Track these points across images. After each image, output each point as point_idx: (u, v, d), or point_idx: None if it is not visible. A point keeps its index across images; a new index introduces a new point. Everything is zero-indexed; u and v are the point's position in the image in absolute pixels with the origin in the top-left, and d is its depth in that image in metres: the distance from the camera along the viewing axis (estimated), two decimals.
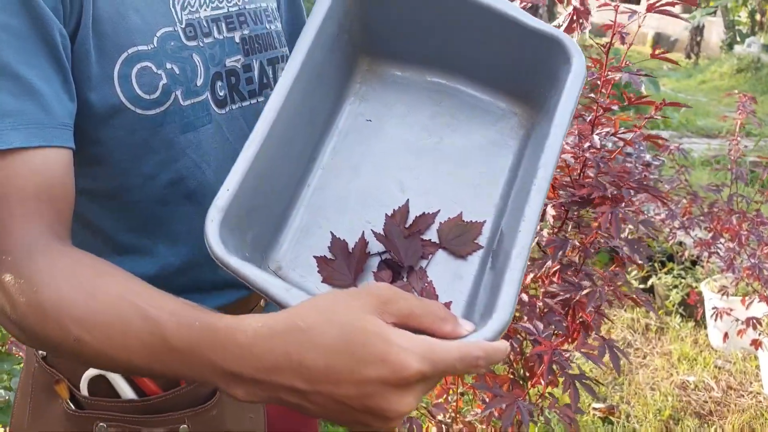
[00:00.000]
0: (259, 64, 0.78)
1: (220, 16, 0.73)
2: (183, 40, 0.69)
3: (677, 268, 2.93)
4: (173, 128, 0.68)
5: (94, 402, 0.73)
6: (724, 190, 2.63)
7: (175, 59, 0.67)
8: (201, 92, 0.70)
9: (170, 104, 0.67)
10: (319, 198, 0.72)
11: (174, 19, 0.68)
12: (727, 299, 2.41)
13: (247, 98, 0.76)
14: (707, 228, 2.55)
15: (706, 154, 5.60)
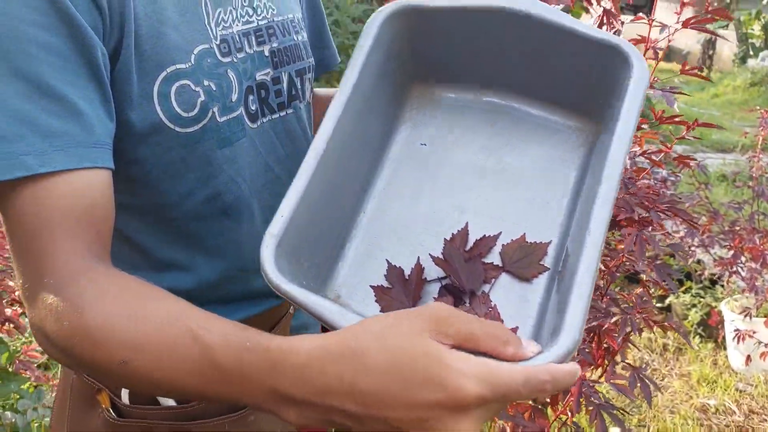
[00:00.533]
0: (287, 77, 0.78)
1: (250, 30, 0.74)
2: (218, 56, 0.69)
3: (696, 287, 2.87)
4: (210, 144, 0.68)
5: (134, 410, 0.73)
6: (745, 208, 2.57)
7: (211, 76, 0.68)
8: (236, 108, 0.71)
9: (207, 121, 0.68)
10: (375, 225, 0.70)
11: (210, 35, 0.69)
12: (750, 321, 2.35)
13: (276, 111, 0.77)
14: (727, 246, 2.50)
15: (722, 169, 5.54)
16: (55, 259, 0.55)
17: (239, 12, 0.73)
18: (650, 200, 1.17)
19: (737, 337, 2.33)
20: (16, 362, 1.45)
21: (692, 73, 1.20)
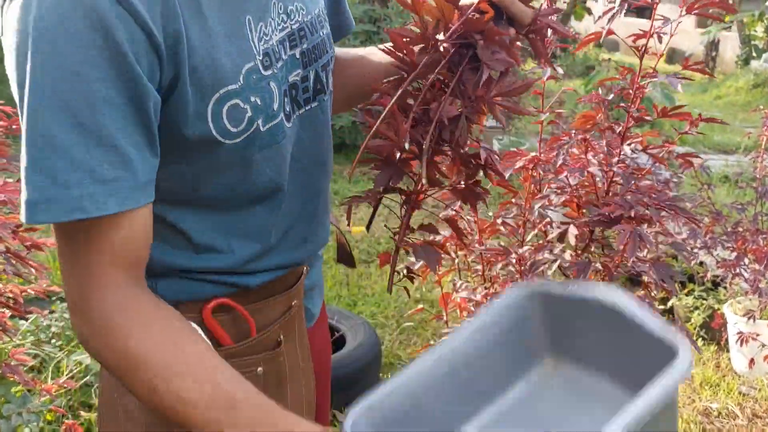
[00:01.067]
0: (314, 73, 0.84)
1: (285, 36, 0.79)
2: (261, 71, 0.74)
3: (698, 290, 2.83)
4: (252, 149, 0.75)
5: None
6: (749, 209, 2.54)
7: (256, 91, 0.74)
8: (277, 115, 0.77)
9: (252, 131, 0.74)
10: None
11: (254, 52, 0.74)
12: (753, 323, 2.32)
13: (303, 106, 0.83)
14: (730, 248, 2.46)
15: (724, 170, 5.50)
16: (104, 288, 0.66)
17: (276, 21, 0.78)
18: (650, 198, 1.14)
19: (740, 340, 2.29)
20: (4, 366, 1.42)
21: (695, 69, 1.16)
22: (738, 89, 10.52)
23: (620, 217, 1.14)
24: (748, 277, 2.28)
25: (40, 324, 2.31)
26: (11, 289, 1.54)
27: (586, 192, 1.30)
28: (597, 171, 1.16)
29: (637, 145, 1.15)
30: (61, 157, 0.62)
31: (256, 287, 0.84)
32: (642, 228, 1.08)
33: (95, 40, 0.60)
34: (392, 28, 0.78)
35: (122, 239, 0.66)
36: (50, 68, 0.61)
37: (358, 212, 4.44)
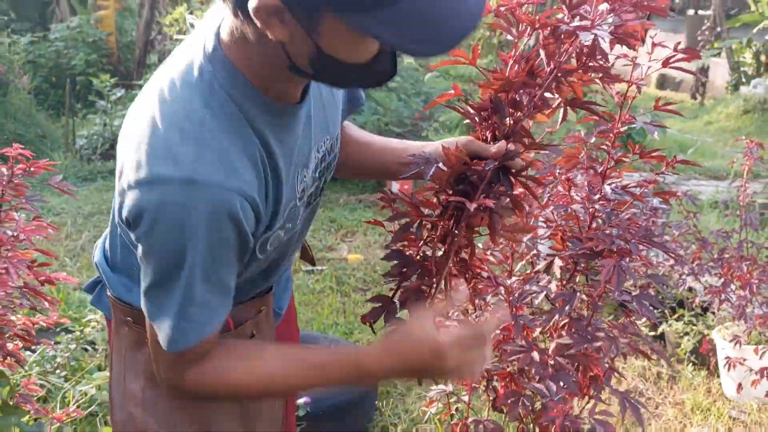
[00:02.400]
0: (324, 180, 1.05)
1: (315, 167, 1.00)
2: (297, 203, 0.96)
3: (688, 315, 2.90)
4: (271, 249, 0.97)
5: None
6: (734, 237, 2.62)
7: (291, 219, 0.96)
8: (299, 223, 1.01)
9: (279, 244, 0.98)
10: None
11: (297, 195, 0.96)
12: (739, 349, 2.38)
13: (311, 203, 1.05)
14: (717, 274, 2.54)
15: (714, 196, 5.59)
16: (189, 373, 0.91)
17: (313, 163, 0.98)
18: (630, 233, 1.21)
19: (728, 365, 2.35)
20: (17, 396, 1.48)
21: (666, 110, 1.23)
22: (728, 115, 10.67)
23: (603, 250, 1.22)
24: (735, 303, 2.35)
25: (46, 355, 2.36)
26: (24, 322, 1.60)
27: (570, 226, 1.37)
28: (580, 209, 1.24)
29: (617, 185, 1.23)
30: (195, 305, 0.86)
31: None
32: (624, 261, 1.15)
33: (231, 230, 0.82)
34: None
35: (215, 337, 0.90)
36: (201, 253, 0.82)
37: (354, 240, 4.50)
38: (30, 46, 8.96)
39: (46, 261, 1.57)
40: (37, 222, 1.50)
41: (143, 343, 0.99)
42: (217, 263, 0.84)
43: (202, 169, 0.79)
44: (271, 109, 0.87)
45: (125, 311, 1.03)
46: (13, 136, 6.40)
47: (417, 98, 6.29)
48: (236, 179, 0.81)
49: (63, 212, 4.72)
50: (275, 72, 0.84)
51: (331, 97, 1.04)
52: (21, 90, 6.89)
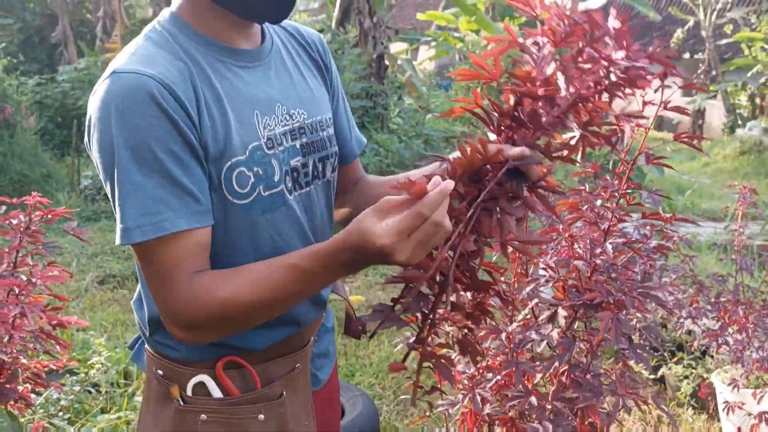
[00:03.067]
0: (312, 162, 1.09)
1: (287, 131, 1.05)
2: (265, 150, 1.00)
3: (687, 358, 2.92)
4: (255, 212, 0.99)
5: (195, 400, 1.03)
6: (730, 280, 2.66)
7: (259, 164, 0.99)
8: (277, 185, 1.01)
9: (255, 195, 0.99)
10: None
11: (259, 135, 1.00)
12: (738, 393, 2.40)
13: (304, 187, 1.07)
14: (715, 318, 2.57)
15: (713, 237, 5.64)
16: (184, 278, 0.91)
17: (279, 118, 1.04)
18: (627, 286, 1.26)
19: (727, 409, 2.37)
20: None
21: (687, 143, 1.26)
22: (725, 156, 10.81)
23: (602, 302, 1.26)
24: (732, 347, 2.38)
25: (50, 397, 2.38)
26: (35, 365, 1.64)
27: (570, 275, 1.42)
28: (581, 264, 1.29)
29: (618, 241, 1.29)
30: (145, 195, 0.89)
31: (261, 349, 1.05)
32: (622, 314, 1.20)
33: (153, 111, 0.89)
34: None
35: (194, 248, 0.92)
36: (127, 135, 0.88)
37: (355, 281, 4.53)
38: (37, 87, 9.14)
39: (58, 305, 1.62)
40: (52, 268, 1.55)
41: (170, 399, 1.04)
42: (157, 149, 0.89)
43: (125, 66, 0.92)
44: (208, 44, 1.00)
45: (157, 365, 1.06)
46: (19, 176, 6.50)
47: (417, 140, 6.40)
48: (152, 69, 0.91)
49: (66, 252, 4.76)
50: (204, 6, 0.99)
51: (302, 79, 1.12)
52: (27, 131, 7.01)
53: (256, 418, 1.03)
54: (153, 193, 0.89)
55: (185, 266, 0.92)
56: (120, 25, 10.29)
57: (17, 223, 1.54)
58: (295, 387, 1.09)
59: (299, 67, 1.13)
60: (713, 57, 13.04)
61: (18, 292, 1.43)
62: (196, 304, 0.91)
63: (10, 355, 1.43)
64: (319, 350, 1.18)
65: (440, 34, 12.95)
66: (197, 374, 1.03)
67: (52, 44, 12.16)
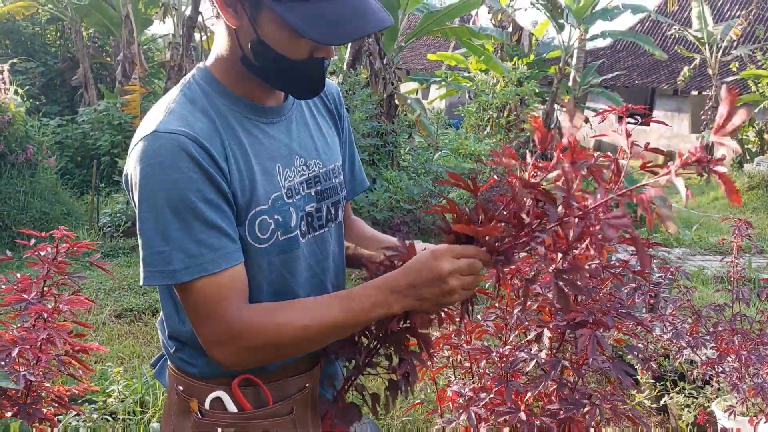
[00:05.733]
0: (326, 207, 1.21)
1: (304, 180, 1.17)
2: (285, 199, 1.12)
3: (689, 387, 2.97)
4: (272, 254, 1.10)
5: (212, 413, 1.12)
6: (727, 310, 2.73)
7: (279, 212, 1.10)
8: (293, 230, 1.13)
9: (274, 239, 1.10)
10: None
11: (280, 186, 1.11)
12: (734, 419, 2.46)
13: (318, 230, 1.19)
14: (713, 347, 2.63)
15: (719, 270, 5.68)
16: (233, 309, 1.02)
17: (298, 169, 1.16)
18: (606, 306, 1.36)
19: None
20: None
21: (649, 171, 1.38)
22: None
23: (584, 322, 1.36)
24: (728, 375, 2.44)
25: (69, 425, 2.48)
26: (58, 389, 1.74)
27: None
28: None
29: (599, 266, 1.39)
30: (189, 240, 0.99)
31: (274, 369, 1.14)
32: (599, 332, 1.29)
33: (190, 166, 0.99)
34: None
35: (234, 284, 1.03)
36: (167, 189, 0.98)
37: None
38: (58, 129, 9.42)
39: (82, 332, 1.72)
40: (77, 296, 1.67)
41: (189, 412, 1.14)
42: (192, 197, 0.99)
43: (163, 126, 1.02)
44: (238, 102, 1.10)
45: (178, 380, 1.16)
46: (40, 214, 6.69)
47: (426, 176, 6.53)
48: (187, 128, 1.01)
49: (85, 287, 4.90)
50: (236, 68, 1.09)
51: (318, 130, 1.23)
52: (48, 170, 7.23)
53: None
54: (195, 237, 0.99)
55: (232, 299, 1.02)
56: (139, 68, 10.62)
57: (45, 255, 1.66)
58: (305, 405, 1.18)
59: (316, 118, 1.24)
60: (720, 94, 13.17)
61: (45, 318, 1.54)
62: (250, 330, 1.01)
63: (36, 377, 1.54)
64: (328, 374, 1.27)
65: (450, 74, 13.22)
66: (215, 390, 1.12)
67: (73, 86, 12.54)
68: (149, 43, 13.98)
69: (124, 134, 9.39)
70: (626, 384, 1.29)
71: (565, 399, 1.37)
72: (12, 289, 1.59)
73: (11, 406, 1.52)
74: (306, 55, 1.05)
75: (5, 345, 1.46)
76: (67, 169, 8.80)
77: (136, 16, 11.09)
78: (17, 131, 6.78)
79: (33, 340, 1.49)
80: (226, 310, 1.01)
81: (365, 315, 1.03)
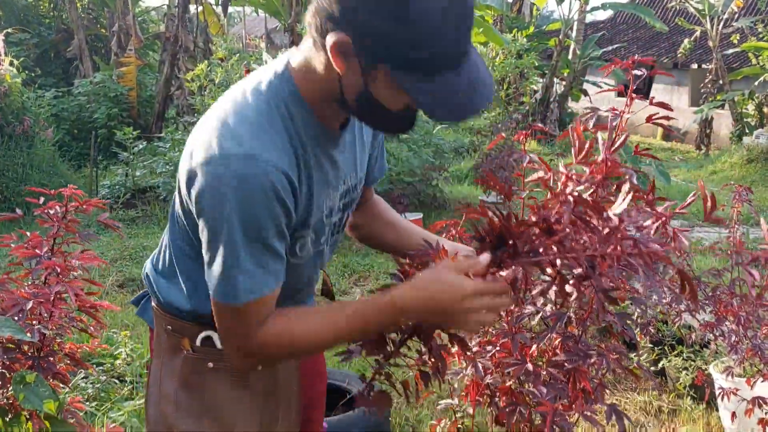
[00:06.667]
0: (346, 215, 1.27)
1: (339, 195, 1.19)
2: (324, 220, 1.17)
3: (686, 351, 3.02)
4: (302, 262, 1.17)
5: (204, 349, 1.20)
6: (725, 275, 2.76)
7: (317, 230, 1.16)
8: (323, 244, 1.21)
9: (307, 254, 1.17)
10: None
11: (323, 210, 1.15)
12: (732, 380, 2.50)
13: (335, 234, 1.25)
14: (712, 312, 2.67)
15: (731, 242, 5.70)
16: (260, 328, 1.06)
17: (341, 189, 1.18)
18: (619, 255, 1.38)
19: (722, 395, 2.47)
20: (65, 411, 1.64)
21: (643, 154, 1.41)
22: (733, 165, 10.86)
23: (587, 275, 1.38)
24: (727, 338, 2.48)
25: (78, 385, 2.51)
26: (69, 346, 1.77)
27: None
28: None
29: None
30: (254, 265, 1.03)
31: None
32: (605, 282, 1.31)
33: (272, 201, 1.01)
34: None
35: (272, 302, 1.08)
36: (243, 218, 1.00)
37: (366, 284, 4.65)
38: (54, 101, 9.36)
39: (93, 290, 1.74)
40: (87, 253, 1.69)
41: (179, 349, 1.19)
42: (269, 229, 1.02)
43: (259, 149, 1.00)
44: (316, 127, 1.09)
45: (166, 320, 1.21)
46: (38, 186, 6.68)
47: (427, 149, 6.52)
48: (278, 160, 1.01)
49: None
50: (327, 100, 1.07)
51: (362, 145, 1.25)
52: (45, 142, 7.20)
53: (254, 368, 1.19)
54: (259, 261, 1.03)
55: (265, 316, 1.07)
56: (134, 39, 10.53)
57: (54, 213, 1.68)
58: None
59: (363, 131, 1.24)
60: (720, 66, 13.12)
61: (58, 272, 1.56)
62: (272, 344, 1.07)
63: (50, 331, 1.56)
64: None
65: None
66: (204, 330, 1.18)
67: (68, 58, 12.43)
68: (144, 15, 13.83)
69: (120, 106, 9.34)
70: (630, 335, 1.32)
71: (570, 351, 1.40)
72: (23, 246, 1.61)
73: (26, 360, 1.54)
74: (403, 106, 1.04)
75: (19, 300, 1.48)
76: (64, 142, 8.77)
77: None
78: (14, 103, 6.74)
79: (46, 295, 1.51)
80: (255, 326, 1.06)
81: (377, 328, 1.07)
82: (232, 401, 1.21)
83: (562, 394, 1.36)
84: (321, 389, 1.53)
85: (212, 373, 1.19)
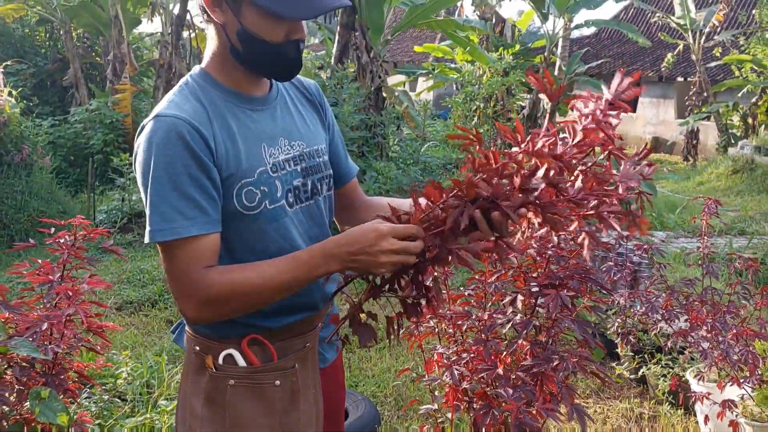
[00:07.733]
0: (311, 182, 1.38)
1: (290, 158, 1.35)
2: (270, 173, 1.29)
3: (665, 359, 3.15)
4: (263, 222, 1.28)
5: (225, 368, 1.30)
6: (698, 284, 2.91)
7: (265, 184, 1.28)
8: (279, 200, 1.31)
9: (261, 208, 1.28)
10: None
11: (265, 162, 1.29)
12: (703, 384, 2.64)
13: (304, 201, 1.36)
14: (686, 320, 2.81)
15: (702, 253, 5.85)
16: (198, 269, 1.20)
17: (282, 149, 1.33)
18: (571, 271, 1.53)
19: (694, 400, 2.60)
20: (74, 425, 1.77)
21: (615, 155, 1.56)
22: (719, 175, 11.06)
23: (548, 284, 1.53)
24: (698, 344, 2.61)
25: (82, 404, 2.63)
26: (77, 364, 1.90)
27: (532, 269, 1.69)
28: (533, 252, 1.56)
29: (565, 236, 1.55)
30: (167, 207, 1.18)
31: (276, 329, 1.32)
32: (563, 294, 1.46)
33: (182, 145, 1.18)
34: None
35: (206, 250, 1.20)
36: (161, 161, 1.18)
37: None
38: (51, 129, 9.52)
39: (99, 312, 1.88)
40: (94, 278, 1.83)
41: (204, 368, 1.32)
42: (181, 175, 1.18)
43: (164, 111, 1.22)
44: (228, 93, 1.30)
45: (195, 341, 1.33)
46: (37, 213, 6.81)
47: (415, 167, 6.69)
48: (182, 113, 1.21)
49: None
50: (227, 64, 1.29)
51: (301, 118, 1.41)
52: (43, 169, 7.34)
53: (273, 384, 1.31)
54: (173, 205, 1.18)
55: (198, 262, 1.20)
56: (129, 67, 10.72)
57: (64, 242, 1.82)
58: (305, 361, 1.36)
59: (299, 108, 1.42)
60: (704, 79, 13.38)
61: (70, 296, 1.70)
62: (210, 285, 1.19)
63: (62, 350, 1.69)
64: (326, 334, 1.45)
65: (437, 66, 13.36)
66: (227, 348, 1.30)
67: (64, 87, 12.61)
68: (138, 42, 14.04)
69: (116, 132, 9.50)
70: (589, 340, 1.46)
71: (537, 356, 1.54)
72: (35, 272, 1.75)
73: (39, 378, 1.67)
74: (283, 37, 1.24)
75: (35, 322, 1.62)
76: (61, 169, 8.91)
77: (124, 16, 11.18)
78: (13, 132, 6.89)
79: (59, 317, 1.65)
80: (192, 271, 1.19)
81: (307, 275, 1.20)
82: (253, 417, 1.29)
83: (531, 396, 1.50)
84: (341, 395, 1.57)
85: (233, 390, 1.29)
